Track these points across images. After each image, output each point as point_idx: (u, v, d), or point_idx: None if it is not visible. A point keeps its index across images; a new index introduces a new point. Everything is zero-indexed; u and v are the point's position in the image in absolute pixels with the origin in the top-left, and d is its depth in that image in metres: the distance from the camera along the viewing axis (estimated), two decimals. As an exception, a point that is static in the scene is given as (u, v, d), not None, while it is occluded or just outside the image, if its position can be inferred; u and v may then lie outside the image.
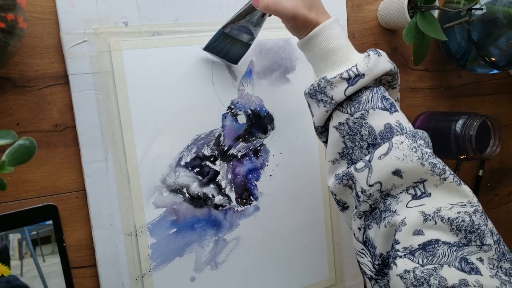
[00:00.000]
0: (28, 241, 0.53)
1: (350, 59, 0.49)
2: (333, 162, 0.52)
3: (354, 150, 0.49)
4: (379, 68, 0.48)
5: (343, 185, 0.49)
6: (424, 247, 0.42)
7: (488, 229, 0.43)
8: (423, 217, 0.43)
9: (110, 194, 0.56)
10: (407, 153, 0.45)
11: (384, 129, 0.47)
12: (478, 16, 0.69)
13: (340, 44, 0.49)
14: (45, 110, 0.54)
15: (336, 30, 0.50)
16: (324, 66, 0.50)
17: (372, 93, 0.48)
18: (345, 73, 0.48)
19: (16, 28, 0.44)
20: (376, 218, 0.47)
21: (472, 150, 0.72)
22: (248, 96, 0.64)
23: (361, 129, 0.48)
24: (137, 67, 0.57)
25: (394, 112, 0.48)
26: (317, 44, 0.50)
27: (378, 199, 0.47)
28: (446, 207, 0.43)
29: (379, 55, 0.49)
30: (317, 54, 0.51)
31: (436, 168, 0.44)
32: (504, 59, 0.72)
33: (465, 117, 0.74)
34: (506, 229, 0.96)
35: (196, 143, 0.61)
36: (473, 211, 0.43)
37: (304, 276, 0.70)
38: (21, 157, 0.40)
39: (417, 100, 0.82)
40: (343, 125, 0.49)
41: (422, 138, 0.47)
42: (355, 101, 0.48)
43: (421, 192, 0.45)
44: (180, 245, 0.61)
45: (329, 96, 0.49)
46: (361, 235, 0.48)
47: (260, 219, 0.66)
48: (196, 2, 0.60)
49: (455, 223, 0.42)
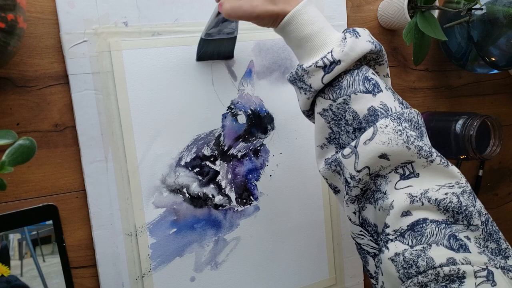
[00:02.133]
0: (28, 241, 0.53)
1: (325, 44, 0.46)
2: (321, 147, 0.51)
3: (341, 134, 0.48)
4: (357, 51, 0.46)
5: (331, 170, 0.49)
6: (413, 227, 0.42)
7: (476, 210, 0.43)
8: (410, 198, 0.43)
9: (110, 194, 0.56)
10: (392, 137, 0.44)
11: (367, 113, 0.46)
12: (478, 16, 0.69)
13: (314, 29, 0.47)
14: (45, 110, 0.54)
15: (308, 15, 0.47)
16: (301, 53, 0.48)
17: (352, 77, 0.46)
18: (320, 61, 0.46)
19: (16, 28, 0.44)
20: (369, 199, 0.47)
21: (472, 150, 0.72)
22: (248, 96, 0.64)
23: (345, 114, 0.47)
24: (137, 67, 0.57)
25: (378, 93, 0.46)
26: (290, 32, 0.48)
27: (368, 181, 0.46)
28: (433, 188, 0.43)
29: (356, 36, 0.46)
30: (292, 42, 0.49)
31: (423, 151, 0.44)
32: (504, 59, 0.72)
33: (465, 117, 0.74)
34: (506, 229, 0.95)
35: (196, 143, 0.61)
36: (461, 192, 0.43)
37: (304, 276, 0.70)
38: (21, 157, 0.40)
39: (417, 100, 0.82)
40: (327, 111, 0.48)
41: (407, 120, 0.45)
42: (336, 87, 0.47)
43: (409, 171, 0.44)
44: (180, 245, 0.61)
45: (308, 84, 0.47)
46: (357, 218, 0.48)
47: (260, 219, 0.66)
48: (196, 2, 0.60)
49: (443, 204, 0.42)
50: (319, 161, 0.52)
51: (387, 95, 0.47)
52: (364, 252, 0.49)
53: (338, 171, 0.48)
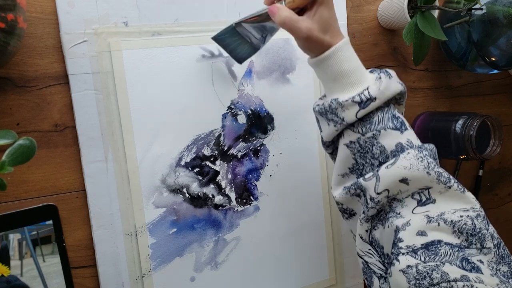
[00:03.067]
0: (28, 241, 0.53)
1: (361, 81, 0.49)
2: (343, 175, 0.53)
3: (365, 166, 0.50)
4: (390, 91, 0.49)
5: (350, 194, 0.51)
6: (427, 247, 0.43)
7: (489, 233, 0.44)
8: (427, 219, 0.45)
9: (110, 194, 0.56)
10: (414, 162, 0.46)
11: (395, 148, 0.48)
12: (478, 16, 0.69)
13: (352, 66, 0.50)
14: (45, 110, 0.54)
15: (348, 52, 0.50)
16: (336, 87, 0.51)
17: (383, 114, 0.49)
18: (357, 97, 0.48)
19: (16, 28, 0.44)
20: (382, 220, 0.48)
21: (472, 150, 0.72)
22: (248, 96, 0.64)
23: (373, 148, 0.49)
24: (137, 67, 0.57)
25: (405, 131, 0.49)
26: (329, 65, 0.50)
27: (385, 203, 0.48)
28: (449, 211, 0.45)
29: (389, 77, 0.50)
30: (328, 75, 0.51)
31: (442, 177, 0.46)
32: (504, 59, 0.72)
33: (465, 117, 0.74)
34: (506, 229, 0.96)
35: (196, 143, 0.61)
36: (475, 216, 0.45)
37: (304, 276, 0.70)
38: (21, 157, 0.40)
39: (417, 100, 0.82)
40: (354, 143, 0.50)
41: (427, 149, 0.48)
42: (366, 122, 0.49)
43: (426, 198, 0.46)
44: (180, 245, 0.61)
45: (340, 117, 0.49)
46: (367, 236, 0.49)
47: (260, 219, 0.66)
48: (196, 2, 0.60)
49: (457, 226, 0.44)
50: (337, 188, 0.54)
51: (411, 133, 0.50)
52: (371, 272, 0.50)
53: (357, 194, 0.50)
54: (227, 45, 0.59)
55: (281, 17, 0.49)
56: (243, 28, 0.56)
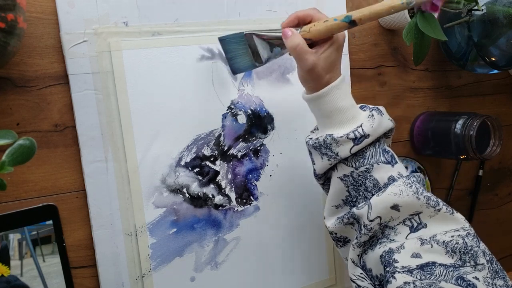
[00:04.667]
0: (28, 241, 0.53)
1: (355, 118, 0.51)
2: (337, 207, 0.54)
3: (358, 198, 0.52)
4: (382, 128, 0.52)
5: (344, 224, 0.52)
6: (422, 268, 0.45)
7: (481, 250, 0.46)
8: (420, 241, 0.46)
9: (110, 194, 0.56)
10: (403, 189, 0.48)
11: (387, 181, 0.50)
12: (478, 16, 0.69)
13: (346, 104, 0.52)
14: (45, 110, 0.54)
15: (343, 90, 0.52)
16: (329, 123, 0.52)
17: (375, 149, 0.51)
18: (352, 134, 0.50)
19: (16, 28, 0.44)
20: (373, 245, 0.50)
21: (472, 150, 0.72)
22: (248, 96, 0.64)
23: (366, 181, 0.51)
24: (137, 67, 0.57)
25: (395, 164, 0.51)
26: (325, 102, 0.52)
27: (377, 230, 0.50)
28: (441, 233, 0.47)
29: (381, 114, 0.53)
30: (323, 111, 0.53)
31: (431, 201, 0.48)
32: (504, 59, 0.72)
33: (465, 117, 0.74)
34: (506, 230, 0.96)
35: (196, 143, 0.61)
36: (466, 234, 0.46)
37: (304, 276, 0.70)
38: (21, 157, 0.40)
39: (417, 100, 0.82)
40: (347, 177, 0.52)
41: (415, 177, 0.50)
42: (359, 156, 0.51)
43: (417, 223, 0.48)
44: (180, 245, 0.61)
45: (335, 152, 0.51)
46: (359, 260, 0.51)
47: (260, 219, 0.66)
48: (196, 2, 0.60)
49: (450, 246, 0.45)
50: (330, 218, 0.55)
51: (401, 166, 0.52)
52: None
53: (351, 222, 0.52)
54: (230, 51, 0.59)
55: (293, 42, 0.51)
56: (252, 40, 0.56)
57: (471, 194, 0.92)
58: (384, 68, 0.78)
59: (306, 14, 0.53)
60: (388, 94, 0.79)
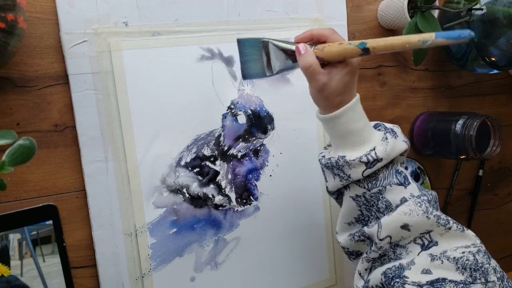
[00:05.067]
0: (28, 241, 0.53)
1: (369, 140, 0.51)
2: (349, 224, 0.54)
3: (370, 218, 0.51)
4: (396, 151, 0.51)
5: (355, 241, 0.52)
6: (432, 284, 0.44)
7: (491, 267, 0.45)
8: (431, 257, 0.46)
9: (110, 194, 0.56)
10: (413, 208, 0.47)
11: (400, 202, 0.49)
12: (478, 16, 0.69)
13: (360, 126, 0.51)
14: (45, 110, 0.54)
15: (357, 111, 0.51)
16: (343, 144, 0.52)
17: (388, 170, 0.51)
18: (364, 157, 0.49)
19: (16, 28, 0.44)
20: (384, 263, 0.50)
21: (472, 150, 0.72)
22: (248, 96, 0.64)
23: (378, 202, 0.50)
24: (137, 67, 0.57)
25: (408, 185, 0.50)
26: (338, 124, 0.51)
27: (388, 249, 0.49)
28: (452, 249, 0.46)
29: (395, 137, 0.51)
30: (337, 133, 0.52)
31: (441, 219, 0.47)
32: (504, 59, 0.72)
33: (465, 117, 0.74)
34: (506, 229, 0.96)
35: (196, 143, 0.61)
36: (476, 251, 0.46)
37: (304, 276, 0.70)
38: (21, 157, 0.40)
39: (417, 100, 0.82)
40: (360, 197, 0.51)
41: (426, 195, 0.50)
42: (372, 178, 0.50)
43: (428, 241, 0.48)
44: (180, 245, 0.61)
45: (347, 174, 0.51)
46: (366, 274, 0.51)
47: (260, 219, 0.66)
48: (196, 2, 0.60)
49: (460, 262, 0.45)
50: (342, 234, 0.55)
51: (414, 186, 0.51)
52: None
53: (362, 240, 0.52)
54: (245, 54, 0.56)
55: (306, 62, 0.50)
56: (267, 48, 0.55)
57: (471, 194, 0.92)
58: (384, 68, 0.78)
59: (321, 33, 0.51)
60: (388, 94, 0.79)
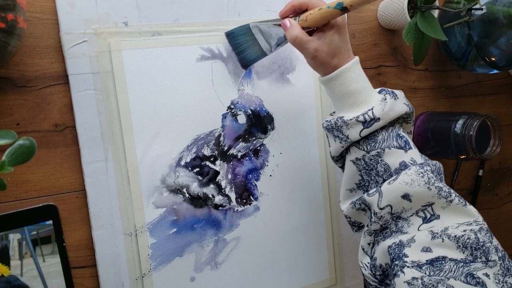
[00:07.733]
0: (28, 241, 0.53)
1: (367, 101, 0.51)
2: (351, 190, 0.54)
3: (370, 183, 0.52)
4: (395, 112, 0.51)
5: (356, 209, 0.52)
6: (432, 263, 0.44)
7: (493, 246, 0.45)
8: (431, 235, 0.45)
9: (110, 194, 0.56)
10: (414, 178, 0.47)
11: (399, 166, 0.49)
12: (478, 16, 0.69)
13: (358, 86, 0.51)
14: (45, 110, 0.54)
15: (356, 72, 0.51)
16: (342, 105, 0.52)
17: (387, 133, 0.51)
18: (361, 117, 0.50)
19: (16, 28, 0.44)
20: (386, 237, 0.49)
21: (472, 150, 0.72)
22: (248, 96, 0.64)
23: (377, 166, 0.50)
24: (137, 67, 0.57)
25: (409, 149, 0.50)
26: (336, 85, 0.52)
27: (388, 220, 0.49)
28: (453, 226, 0.46)
29: (395, 98, 0.51)
30: (335, 94, 0.53)
31: (442, 191, 0.47)
32: (504, 59, 0.72)
33: (465, 117, 0.74)
34: (506, 229, 0.96)
35: (196, 143, 0.61)
36: (478, 229, 0.45)
37: (304, 276, 0.70)
38: (21, 157, 0.40)
39: (417, 100, 0.82)
40: (359, 160, 0.52)
41: (430, 165, 0.49)
42: (371, 140, 0.51)
43: (430, 214, 0.47)
44: (180, 245, 0.61)
45: (345, 135, 0.51)
46: (369, 249, 0.51)
47: (260, 219, 0.66)
48: (196, 2, 0.60)
49: (461, 241, 0.45)
50: (345, 202, 0.55)
51: (415, 152, 0.51)
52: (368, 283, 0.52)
53: (363, 208, 0.52)
54: (238, 44, 0.59)
55: (291, 35, 0.51)
56: (257, 29, 0.57)
57: (471, 194, 0.92)
58: (384, 68, 0.78)
59: (301, 2, 0.53)
60: (388, 94, 0.79)
